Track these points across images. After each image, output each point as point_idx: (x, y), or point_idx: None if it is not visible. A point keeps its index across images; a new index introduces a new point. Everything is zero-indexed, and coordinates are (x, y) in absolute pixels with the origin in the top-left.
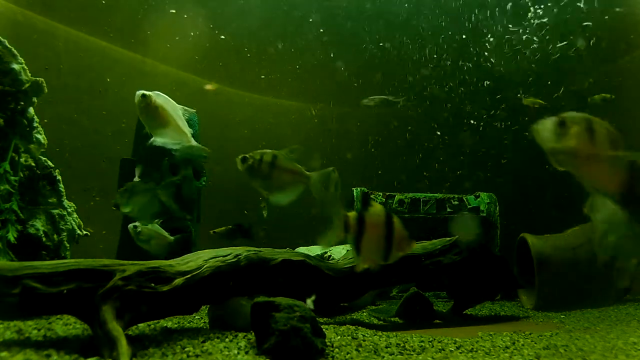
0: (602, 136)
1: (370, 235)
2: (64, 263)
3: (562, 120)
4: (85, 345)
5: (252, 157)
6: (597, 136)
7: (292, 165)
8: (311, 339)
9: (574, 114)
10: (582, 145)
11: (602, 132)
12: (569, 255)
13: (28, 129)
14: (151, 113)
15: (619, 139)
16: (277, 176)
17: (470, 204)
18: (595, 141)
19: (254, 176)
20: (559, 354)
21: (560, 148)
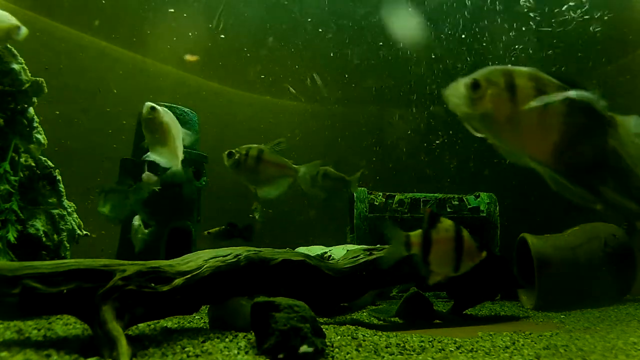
0: (527, 92)
1: (440, 251)
2: (64, 263)
3: (474, 82)
4: (85, 345)
5: (238, 152)
6: (520, 93)
7: (278, 158)
8: (311, 339)
9: (490, 69)
10: (501, 109)
11: (526, 87)
12: (569, 255)
13: (28, 129)
14: (155, 128)
15: (555, 87)
16: (264, 170)
17: (470, 204)
18: (517, 100)
19: (240, 171)
20: (559, 354)
21: (475, 114)
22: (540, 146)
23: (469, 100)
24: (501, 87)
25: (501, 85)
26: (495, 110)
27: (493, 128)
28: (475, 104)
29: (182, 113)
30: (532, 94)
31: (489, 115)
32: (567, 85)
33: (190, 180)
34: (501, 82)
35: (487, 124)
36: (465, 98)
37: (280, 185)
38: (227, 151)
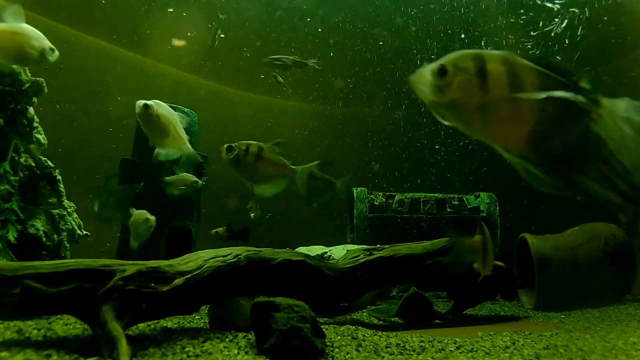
0: (499, 78)
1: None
2: (64, 263)
3: (441, 67)
4: (85, 345)
5: (237, 147)
6: (492, 80)
7: (277, 157)
8: (311, 339)
9: (460, 53)
10: (471, 97)
11: (498, 72)
12: (569, 255)
13: (28, 129)
14: (153, 123)
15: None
16: (262, 168)
17: (470, 204)
18: (489, 87)
19: (238, 167)
20: (559, 354)
21: (443, 102)
22: (513, 135)
23: (436, 87)
24: (471, 73)
25: (471, 70)
26: (464, 98)
27: (462, 117)
28: (442, 92)
29: (182, 113)
30: (505, 79)
31: (458, 103)
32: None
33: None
34: (471, 68)
35: (455, 112)
36: (431, 85)
37: (277, 185)
38: (226, 145)
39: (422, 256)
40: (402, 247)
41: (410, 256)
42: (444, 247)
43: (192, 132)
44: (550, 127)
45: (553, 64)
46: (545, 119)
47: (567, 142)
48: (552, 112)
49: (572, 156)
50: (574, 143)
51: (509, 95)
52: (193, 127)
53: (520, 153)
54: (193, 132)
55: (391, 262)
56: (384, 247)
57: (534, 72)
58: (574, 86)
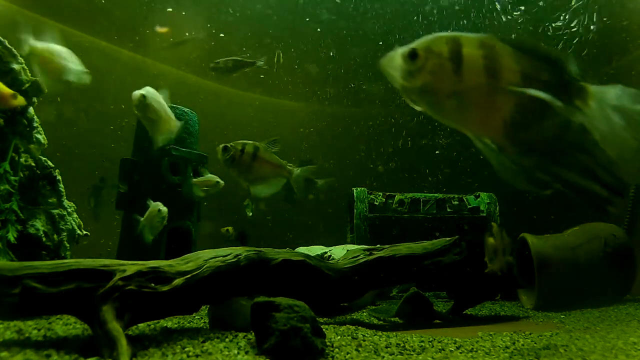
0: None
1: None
2: (64, 263)
3: (412, 51)
4: (85, 345)
5: (233, 148)
6: (467, 64)
7: (274, 157)
8: (311, 339)
9: (435, 36)
10: (442, 82)
11: (474, 56)
12: (569, 255)
13: (28, 129)
14: (148, 110)
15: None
16: (259, 168)
17: (470, 204)
18: (463, 72)
19: (234, 167)
20: (559, 354)
21: (413, 87)
22: (487, 123)
23: (406, 71)
24: (444, 57)
25: (444, 54)
26: (436, 83)
27: (433, 102)
28: (412, 76)
29: (182, 113)
30: (482, 63)
31: (429, 89)
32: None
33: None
34: (444, 52)
35: (426, 97)
36: (401, 69)
37: (273, 185)
38: (222, 145)
39: (422, 256)
40: (402, 247)
41: (410, 256)
42: (444, 247)
43: (192, 132)
44: (528, 116)
45: (538, 49)
46: (523, 107)
47: (547, 132)
48: (530, 100)
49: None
50: (554, 133)
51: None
52: (193, 127)
53: (494, 142)
54: (193, 132)
55: (391, 262)
56: (384, 247)
57: (515, 56)
58: (559, 72)
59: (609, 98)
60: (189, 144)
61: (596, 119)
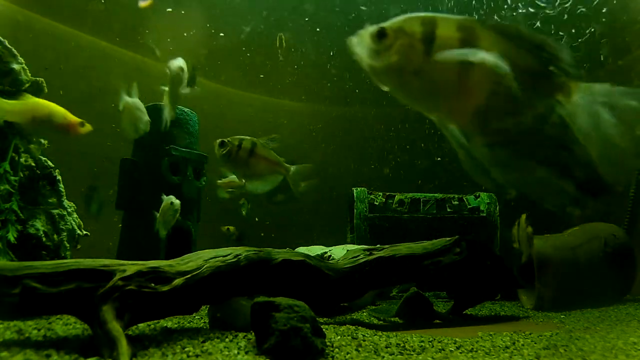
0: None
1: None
2: (64, 263)
3: (380, 30)
4: (85, 345)
5: (230, 143)
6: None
7: (271, 154)
8: (311, 339)
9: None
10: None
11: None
12: (569, 255)
13: None
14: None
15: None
16: (255, 164)
17: (470, 204)
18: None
19: (231, 162)
20: (559, 354)
21: (379, 67)
22: (457, 109)
23: (373, 51)
24: (415, 38)
25: (416, 35)
26: (404, 63)
27: (400, 84)
28: (379, 56)
29: (182, 113)
30: (456, 46)
31: (396, 69)
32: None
33: (190, 179)
34: (417, 32)
35: (394, 78)
36: (369, 48)
37: (269, 182)
38: (219, 140)
39: (422, 256)
40: (402, 247)
41: (410, 256)
42: (444, 247)
43: (192, 132)
44: (503, 103)
45: (522, 35)
46: (498, 94)
47: (520, 125)
48: (507, 87)
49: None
50: (528, 126)
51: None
52: (193, 127)
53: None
54: (193, 132)
55: (391, 262)
56: (384, 247)
57: (495, 41)
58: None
59: (598, 94)
60: (189, 144)
61: (579, 114)
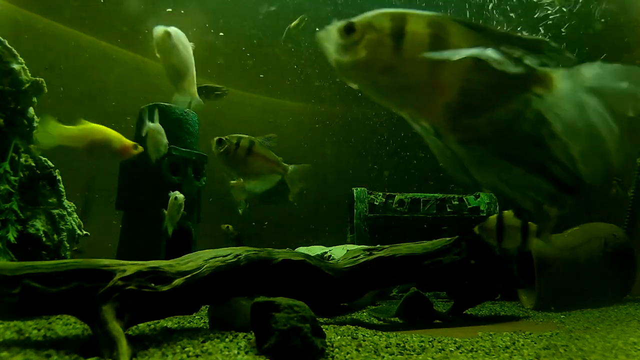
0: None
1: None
2: (64, 263)
3: (349, 25)
4: (85, 345)
5: (228, 141)
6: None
7: (269, 153)
8: (311, 339)
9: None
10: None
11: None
12: (569, 255)
13: (28, 129)
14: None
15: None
16: (253, 163)
17: (470, 204)
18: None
19: (228, 161)
20: (559, 354)
21: (347, 62)
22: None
23: (341, 46)
24: (384, 33)
25: (385, 30)
26: (371, 59)
27: (368, 80)
28: (347, 51)
29: (182, 113)
30: (427, 42)
31: (363, 65)
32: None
33: (190, 180)
34: (386, 28)
35: (362, 74)
36: (336, 43)
37: (267, 181)
38: (217, 138)
39: (422, 256)
40: (402, 247)
41: (410, 256)
42: (444, 247)
43: (192, 132)
44: (476, 100)
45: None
46: (470, 90)
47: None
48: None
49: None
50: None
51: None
52: (193, 127)
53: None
54: (193, 132)
55: (391, 262)
56: (384, 247)
57: (468, 38)
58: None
59: (584, 79)
60: (189, 144)
61: (562, 105)
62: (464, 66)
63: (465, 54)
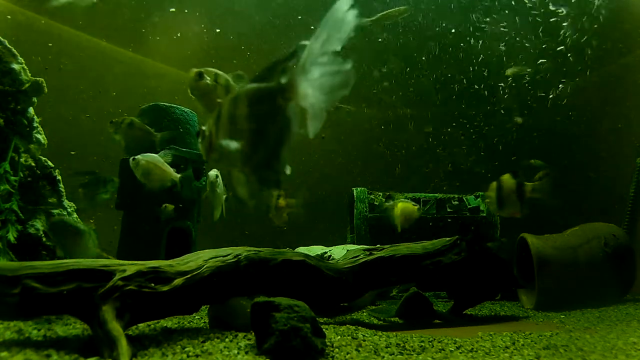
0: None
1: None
2: (64, 263)
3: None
4: (85, 345)
5: (207, 77)
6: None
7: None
8: (311, 339)
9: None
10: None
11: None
12: (569, 255)
13: (28, 129)
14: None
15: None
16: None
17: (470, 204)
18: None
19: (206, 99)
20: (559, 354)
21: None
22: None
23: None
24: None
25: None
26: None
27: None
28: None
29: (182, 113)
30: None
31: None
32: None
33: (190, 180)
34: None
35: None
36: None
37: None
38: (197, 70)
39: (422, 256)
40: (402, 247)
41: (410, 256)
42: (444, 247)
43: (192, 132)
44: (254, 135)
45: (259, 75)
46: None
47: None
48: (255, 118)
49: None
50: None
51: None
52: (193, 127)
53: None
54: (193, 133)
55: (391, 262)
56: (384, 247)
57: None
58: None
59: (313, 65)
60: (189, 144)
61: (303, 98)
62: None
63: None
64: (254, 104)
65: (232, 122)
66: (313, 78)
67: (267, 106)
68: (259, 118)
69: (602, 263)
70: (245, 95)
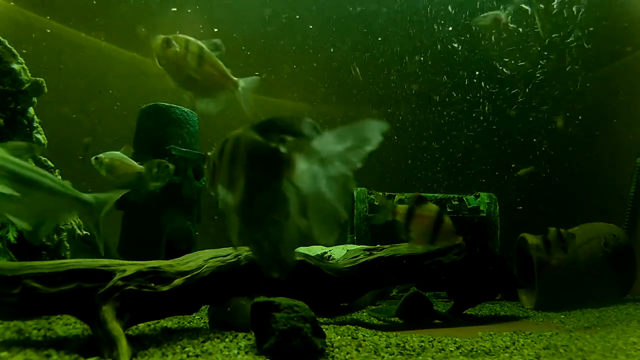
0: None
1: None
2: (64, 263)
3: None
4: (85, 345)
5: (177, 43)
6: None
7: (219, 63)
8: (311, 339)
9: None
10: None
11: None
12: (569, 255)
13: (28, 129)
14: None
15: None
16: (204, 74)
17: (471, 204)
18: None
19: (175, 69)
20: (559, 354)
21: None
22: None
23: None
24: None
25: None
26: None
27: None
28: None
29: (182, 113)
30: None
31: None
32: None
33: (190, 180)
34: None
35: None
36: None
37: (219, 100)
38: (164, 37)
39: (422, 256)
40: (402, 247)
41: (410, 256)
42: (444, 247)
43: (192, 132)
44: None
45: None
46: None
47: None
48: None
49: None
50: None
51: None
52: (193, 127)
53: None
54: (193, 133)
55: (391, 262)
56: (384, 247)
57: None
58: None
59: (317, 151)
60: (189, 144)
61: (302, 180)
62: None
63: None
64: (251, 157)
65: (232, 164)
66: (313, 170)
67: (263, 166)
68: (255, 172)
69: (602, 263)
70: (245, 144)
